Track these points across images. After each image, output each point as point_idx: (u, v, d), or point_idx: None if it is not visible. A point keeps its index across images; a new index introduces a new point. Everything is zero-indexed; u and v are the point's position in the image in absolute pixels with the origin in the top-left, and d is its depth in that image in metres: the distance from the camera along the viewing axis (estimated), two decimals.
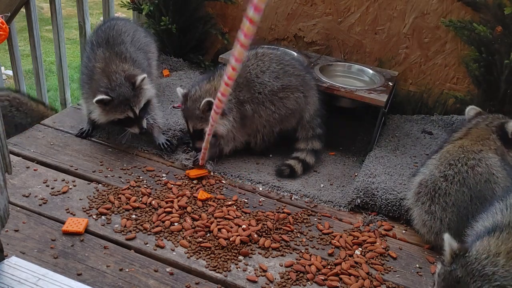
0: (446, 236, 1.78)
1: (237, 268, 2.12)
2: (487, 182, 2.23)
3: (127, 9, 3.83)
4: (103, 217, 2.32)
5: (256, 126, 2.82)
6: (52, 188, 2.47)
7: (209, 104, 2.58)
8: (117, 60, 2.75)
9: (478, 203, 2.22)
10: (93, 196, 2.45)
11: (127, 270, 2.04)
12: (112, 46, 2.81)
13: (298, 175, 2.79)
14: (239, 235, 2.25)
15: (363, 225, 2.46)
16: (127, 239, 2.21)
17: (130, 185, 2.55)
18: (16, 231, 2.18)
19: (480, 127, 2.50)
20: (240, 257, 2.17)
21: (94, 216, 2.31)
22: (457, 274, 1.69)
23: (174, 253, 2.16)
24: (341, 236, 2.35)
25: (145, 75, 2.70)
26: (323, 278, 2.10)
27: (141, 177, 2.63)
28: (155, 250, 2.17)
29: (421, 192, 2.35)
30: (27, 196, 2.40)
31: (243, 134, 2.83)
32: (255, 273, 2.10)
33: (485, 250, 1.73)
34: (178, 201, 2.45)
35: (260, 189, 2.66)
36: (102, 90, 2.63)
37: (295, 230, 2.37)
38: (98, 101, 2.61)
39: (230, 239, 2.22)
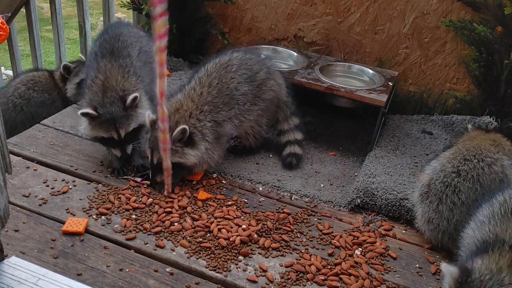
0: (444, 266, 1.73)
1: (237, 268, 2.12)
2: (501, 181, 2.21)
3: (127, 9, 3.82)
4: (103, 217, 2.32)
5: (245, 130, 2.81)
6: (52, 188, 2.47)
7: (183, 133, 2.43)
8: (119, 75, 2.61)
9: None
10: (93, 196, 2.45)
11: (127, 270, 2.04)
12: (117, 58, 2.68)
13: (302, 154, 2.86)
14: (239, 235, 2.25)
15: (363, 225, 2.46)
16: (127, 239, 2.21)
17: (130, 185, 2.55)
18: (16, 231, 2.18)
19: (495, 133, 2.51)
20: (240, 257, 2.17)
21: (94, 216, 2.31)
22: None
23: (174, 253, 2.16)
24: (341, 236, 2.35)
25: (137, 94, 2.53)
26: (323, 278, 2.10)
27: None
28: (155, 250, 2.17)
29: (430, 191, 2.31)
30: (27, 196, 2.40)
31: (220, 150, 2.66)
32: (255, 273, 2.10)
33: (486, 269, 1.70)
34: (178, 201, 2.45)
35: (260, 189, 2.66)
36: (92, 104, 2.52)
37: (295, 230, 2.37)
38: (83, 114, 2.50)
39: (230, 239, 2.22)
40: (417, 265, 2.25)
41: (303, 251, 2.25)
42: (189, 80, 2.74)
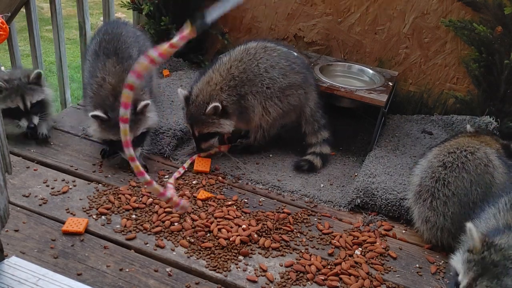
0: (470, 225, 1.80)
1: (237, 268, 2.12)
2: (486, 166, 2.29)
3: (127, 9, 3.82)
4: (103, 217, 2.32)
5: (260, 121, 2.84)
6: (52, 188, 2.47)
7: (216, 109, 2.66)
8: None
9: (478, 188, 2.25)
10: (93, 196, 2.45)
11: (127, 270, 2.05)
12: (121, 60, 2.70)
13: (319, 168, 2.85)
14: (239, 235, 2.25)
15: (363, 225, 2.46)
16: (127, 239, 2.21)
17: (130, 185, 2.55)
18: (16, 231, 2.18)
19: (487, 135, 2.57)
20: (240, 257, 2.17)
21: (94, 216, 2.32)
22: (493, 258, 1.72)
23: (174, 253, 2.16)
24: (341, 236, 2.35)
25: (148, 101, 2.59)
26: (323, 278, 2.10)
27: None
28: (155, 250, 2.17)
29: (422, 190, 2.36)
30: (27, 196, 2.40)
31: (240, 125, 2.89)
32: (255, 273, 2.10)
33: (507, 241, 1.76)
34: None
35: (260, 189, 2.66)
36: (102, 107, 2.53)
37: (295, 230, 2.37)
38: (94, 116, 2.52)
39: (230, 239, 2.23)
40: (417, 265, 2.25)
41: (303, 251, 2.25)
42: (224, 55, 2.87)
